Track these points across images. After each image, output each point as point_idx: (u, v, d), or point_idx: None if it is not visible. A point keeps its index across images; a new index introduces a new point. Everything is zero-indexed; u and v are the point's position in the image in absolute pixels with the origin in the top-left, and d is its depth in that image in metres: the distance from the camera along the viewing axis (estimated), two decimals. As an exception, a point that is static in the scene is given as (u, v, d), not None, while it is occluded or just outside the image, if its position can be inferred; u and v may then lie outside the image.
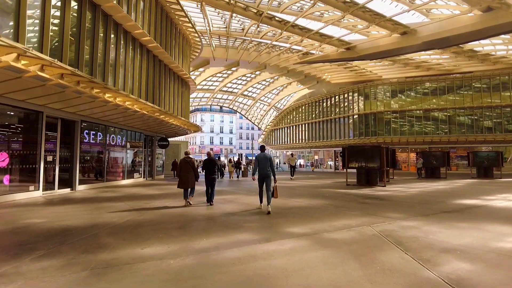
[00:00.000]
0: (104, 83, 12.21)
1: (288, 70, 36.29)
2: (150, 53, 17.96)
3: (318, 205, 9.28)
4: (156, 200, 10.41)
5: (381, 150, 15.97)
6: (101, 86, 11.56)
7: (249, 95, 49.78)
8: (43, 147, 11.85)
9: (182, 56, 23.04)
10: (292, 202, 9.92)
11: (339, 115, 42.42)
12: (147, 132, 21.43)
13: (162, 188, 15.30)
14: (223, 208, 8.79)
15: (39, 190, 11.71)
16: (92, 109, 13.64)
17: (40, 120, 11.88)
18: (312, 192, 13.21)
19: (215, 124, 79.58)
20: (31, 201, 10.23)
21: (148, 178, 21.91)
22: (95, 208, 8.63)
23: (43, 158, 11.88)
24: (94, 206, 9.14)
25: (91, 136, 15.59)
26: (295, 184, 17.44)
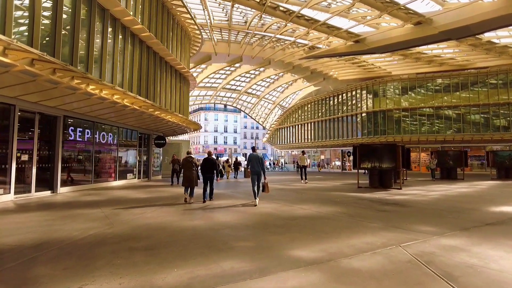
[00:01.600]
0: (86, 73, 10.79)
1: (294, 66, 34.75)
2: (143, 43, 16.57)
3: (328, 213, 7.76)
4: (140, 206, 8.97)
5: (397, 149, 14.39)
6: (81, 75, 10.15)
7: (253, 93, 48.32)
8: (15, 145, 10.48)
9: (180, 49, 21.64)
10: (297, 209, 8.41)
11: (346, 113, 40.80)
12: (142, 130, 20.06)
13: (155, 190, 13.88)
14: (214, 217, 7.32)
15: (9, 193, 10.34)
16: (75, 103, 12.25)
17: (12, 114, 10.51)
18: (320, 196, 11.68)
19: (219, 124, 78.24)
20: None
21: (144, 178, 20.54)
22: (62, 217, 7.21)
23: (15, 157, 10.51)
24: (63, 213, 7.73)
25: (78, 134, 14.24)
26: (301, 187, 15.92)
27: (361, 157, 14.92)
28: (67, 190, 12.94)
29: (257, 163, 9.75)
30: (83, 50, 12.14)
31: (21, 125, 11.15)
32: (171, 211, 8.03)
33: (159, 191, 13.35)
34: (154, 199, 10.57)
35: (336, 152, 44.37)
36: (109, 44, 13.70)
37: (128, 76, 15.19)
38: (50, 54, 10.28)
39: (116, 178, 17.16)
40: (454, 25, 19.13)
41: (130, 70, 15.49)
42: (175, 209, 8.39)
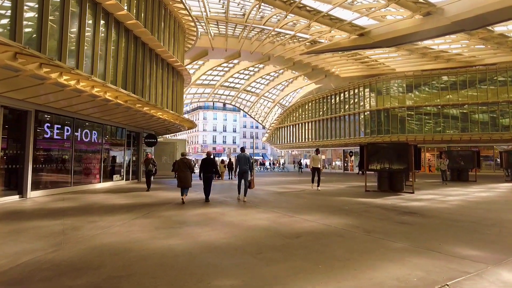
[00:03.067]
0: (52, 59, 9.33)
1: (294, 62, 33.31)
2: (130, 33, 15.10)
3: (339, 227, 6.31)
4: (112, 216, 7.52)
5: (409, 149, 12.95)
6: (47, 62, 8.71)
7: (252, 91, 46.91)
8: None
9: (173, 42, 20.18)
10: (300, 221, 6.96)
11: (348, 112, 39.36)
12: (131, 127, 18.60)
13: (139, 195, 12.42)
14: (196, 233, 5.85)
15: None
16: (48, 96, 10.80)
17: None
18: (325, 202, 10.22)
19: (218, 123, 76.78)
20: None
21: (133, 180, 19.09)
22: (6, 233, 5.76)
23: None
24: (12, 227, 6.28)
25: (55, 131, 12.78)
26: (301, 190, 14.48)
27: (369, 157, 13.47)
28: (39, 194, 11.48)
29: (245, 162, 11.00)
30: (55, 34, 10.69)
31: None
32: (145, 224, 6.57)
33: (144, 196, 11.89)
34: (134, 206, 9.12)
35: (337, 152, 42.96)
36: (89, 31, 12.24)
37: (111, 68, 13.73)
38: (8, 37, 8.88)
39: (101, 180, 15.71)
40: (468, 14, 17.68)
41: (114, 62, 14.03)
42: (151, 221, 6.94)
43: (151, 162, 14.10)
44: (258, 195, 12.29)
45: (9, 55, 7.85)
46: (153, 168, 14.16)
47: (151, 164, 14.09)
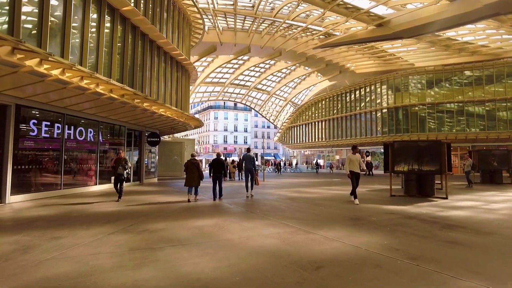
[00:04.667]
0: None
1: (307, 57, 31.61)
2: (127, 21, 13.78)
3: (372, 251, 4.71)
4: (87, 229, 6.12)
5: (442, 148, 11.19)
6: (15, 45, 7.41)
7: (263, 88, 45.36)
8: None
9: (178, 34, 18.83)
10: (319, 240, 5.39)
11: (364, 110, 37.42)
12: (132, 125, 17.32)
13: (134, 200, 11.03)
14: (178, 261, 4.30)
15: None
16: (27, 87, 9.53)
17: None
18: (348, 211, 8.60)
19: (229, 122, 75.48)
20: None
21: (135, 182, 17.79)
22: None
23: None
24: (-50, 246, 4.93)
25: (43, 128, 11.55)
26: (317, 194, 12.90)
27: (395, 157, 11.74)
28: (21, 199, 10.21)
29: (249, 162, 12.01)
30: (32, 17, 9.39)
31: None
32: (120, 243, 5.13)
33: (136, 201, 10.49)
34: (119, 215, 7.71)
35: (352, 152, 40.99)
36: (76, 16, 10.93)
37: (104, 58, 12.40)
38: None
39: (97, 182, 14.46)
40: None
41: (108, 52, 12.72)
42: (128, 238, 5.48)
43: (122, 163, 10.61)
44: (267, 200, 10.75)
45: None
46: (123, 171, 10.53)
47: (121, 165, 10.56)
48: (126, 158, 10.91)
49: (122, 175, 10.51)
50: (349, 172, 10.12)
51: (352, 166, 10.15)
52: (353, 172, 10.12)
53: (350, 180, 10.16)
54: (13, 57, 7.66)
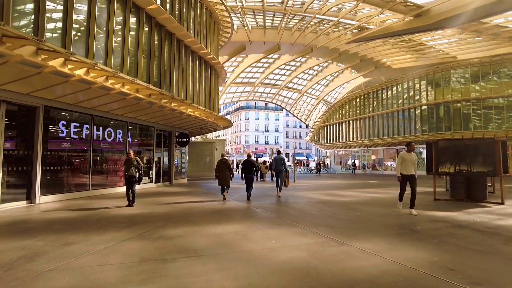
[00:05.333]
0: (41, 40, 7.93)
1: (340, 52, 30.37)
2: (153, 20, 13.62)
3: (419, 270, 3.89)
4: (102, 234, 5.79)
5: (496, 147, 9.90)
6: (35, 44, 7.31)
7: (294, 87, 44.43)
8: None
9: (205, 33, 18.58)
10: (355, 253, 4.65)
11: (402, 107, 35.40)
12: (161, 126, 17.23)
13: (160, 201, 10.75)
14: (189, 278, 3.72)
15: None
16: (55, 88, 9.49)
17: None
18: (386, 218, 7.71)
19: (260, 122, 75.08)
20: None
21: (164, 182, 17.70)
22: None
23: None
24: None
25: (72, 129, 11.62)
26: (352, 198, 12.00)
27: (439, 157, 10.58)
28: (50, 200, 10.26)
29: (280, 163, 12.62)
30: (56, 18, 9.35)
31: None
32: (131, 252, 4.71)
33: (162, 204, 10.18)
34: (139, 219, 7.37)
35: (389, 152, 38.97)
36: (101, 16, 10.85)
37: (130, 58, 12.29)
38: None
39: (126, 183, 14.41)
40: None
41: (133, 52, 12.60)
42: (142, 246, 5.04)
43: (134, 164, 9.57)
44: (297, 204, 10.03)
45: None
46: (136, 172, 9.50)
47: (134, 166, 9.52)
48: (138, 158, 9.85)
49: (133, 176, 9.48)
50: (399, 174, 8.17)
51: (405, 167, 8.13)
52: (405, 176, 8.12)
53: (400, 184, 8.26)
54: (37, 58, 7.58)
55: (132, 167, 9.49)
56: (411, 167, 8.12)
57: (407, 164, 8.12)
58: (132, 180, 9.46)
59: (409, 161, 8.14)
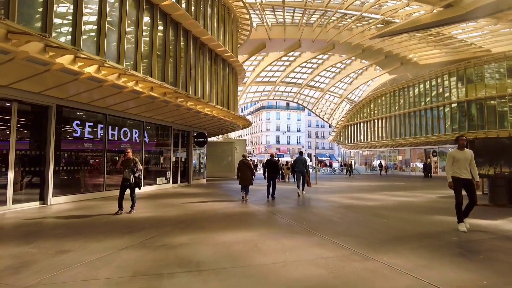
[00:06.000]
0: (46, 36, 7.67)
1: (363, 48, 29.21)
2: (168, 17, 13.29)
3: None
4: (101, 241, 5.37)
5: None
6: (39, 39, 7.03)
7: (316, 85, 43.39)
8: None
9: (223, 31, 18.15)
10: (383, 270, 3.94)
11: (430, 105, 33.63)
12: (178, 126, 16.91)
13: (172, 204, 10.33)
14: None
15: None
16: (66, 87, 9.25)
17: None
18: (418, 226, 6.88)
19: (281, 122, 74.24)
20: None
21: (182, 183, 17.37)
22: None
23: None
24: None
25: (86, 129, 11.43)
26: (378, 202, 11.14)
27: (476, 158, 9.54)
28: (63, 201, 10.05)
29: (301, 164, 12.78)
30: (64, 10, 9.11)
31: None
32: (126, 263, 4.23)
33: (174, 206, 9.74)
34: (145, 224, 6.93)
35: (417, 152, 37.22)
36: (112, 12, 10.58)
37: (144, 56, 11.98)
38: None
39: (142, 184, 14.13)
40: None
41: (147, 50, 12.29)
42: (139, 256, 4.55)
43: (131, 165, 8.27)
44: (317, 208, 9.31)
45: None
46: (130, 175, 8.17)
47: (129, 168, 8.21)
48: (135, 159, 8.54)
49: (128, 180, 8.16)
50: (451, 179, 6.31)
51: (458, 169, 6.27)
52: (459, 180, 6.24)
53: (454, 191, 6.28)
54: (45, 55, 7.32)
55: (128, 168, 8.22)
56: (467, 168, 6.26)
57: (460, 164, 6.26)
58: (125, 184, 8.20)
59: (463, 160, 6.26)
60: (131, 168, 8.21)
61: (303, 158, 13.14)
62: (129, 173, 8.17)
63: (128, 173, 8.17)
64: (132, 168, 8.21)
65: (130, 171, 8.17)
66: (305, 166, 12.80)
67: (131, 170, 8.18)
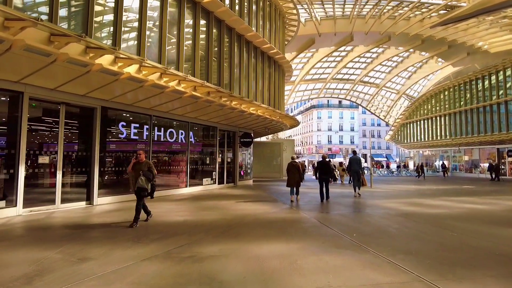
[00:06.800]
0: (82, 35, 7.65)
1: (423, 39, 26.67)
2: (210, 15, 13.00)
3: None
4: (127, 249, 5.03)
5: None
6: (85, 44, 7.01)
7: (370, 81, 40.94)
8: (23, 144, 7.99)
9: (269, 27, 17.59)
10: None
11: (503, 99, 29.74)
12: (224, 126, 16.64)
13: (215, 206, 9.94)
14: None
15: (15, 206, 7.86)
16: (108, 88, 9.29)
17: (20, 104, 8.06)
18: (497, 242, 5.60)
19: (334, 121, 71.65)
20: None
21: (228, 184, 17.08)
22: None
23: (23, 159, 8.02)
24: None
25: (132, 130, 11.56)
26: (443, 209, 9.70)
27: None
28: (109, 201, 10.17)
29: (356, 164, 12.79)
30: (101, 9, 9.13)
31: (39, 120, 8.91)
32: (143, 279, 3.77)
33: (213, 209, 9.32)
34: (177, 230, 6.54)
35: (486, 152, 33.20)
36: (152, 11, 10.49)
37: (186, 55, 11.79)
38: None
39: (187, 184, 14.06)
40: None
41: (189, 48, 12.10)
42: (158, 271, 4.07)
43: (144, 169, 7.07)
44: (371, 216, 8.22)
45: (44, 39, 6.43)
46: (146, 183, 6.89)
47: (143, 174, 6.95)
48: (149, 162, 7.30)
49: (144, 189, 6.88)
50: None
51: None
52: None
53: None
54: (85, 56, 7.31)
55: (141, 175, 6.92)
56: None
57: None
58: (142, 194, 6.88)
59: None
60: (147, 175, 6.93)
61: (358, 157, 13.10)
62: (145, 182, 6.88)
63: (145, 182, 6.87)
64: (148, 175, 6.93)
65: (146, 179, 6.90)
66: (360, 166, 12.95)
67: (147, 177, 6.91)
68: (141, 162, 7.16)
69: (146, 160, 7.32)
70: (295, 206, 9.88)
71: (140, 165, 7.13)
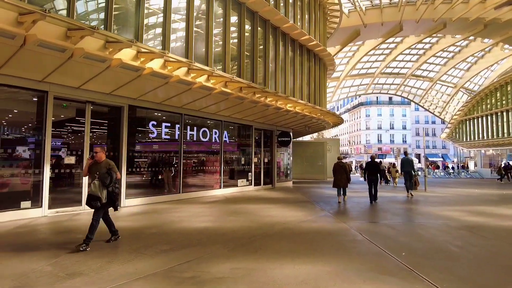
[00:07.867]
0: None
1: (485, 23, 23.69)
2: (241, 6, 12.27)
3: None
4: (132, 261, 4.42)
5: None
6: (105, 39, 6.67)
7: (423, 75, 37.76)
8: (47, 144, 7.84)
9: (308, 17, 16.52)
10: None
11: None
12: (260, 124, 15.83)
13: (245, 210, 9.17)
14: None
15: (41, 207, 7.73)
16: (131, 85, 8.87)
17: (45, 103, 7.91)
18: None
19: (383, 119, 67.69)
20: None
21: (265, 185, 16.25)
22: None
23: (48, 160, 7.86)
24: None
25: (163, 130, 11.22)
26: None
27: None
28: (136, 203, 9.81)
29: (408, 164, 13.04)
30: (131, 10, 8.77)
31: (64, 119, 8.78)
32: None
33: (242, 214, 8.54)
34: (194, 238, 5.83)
35: None
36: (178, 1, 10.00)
37: (215, 48, 11.17)
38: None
39: (221, 185, 13.47)
40: None
41: (219, 41, 11.48)
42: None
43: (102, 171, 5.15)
44: (426, 228, 6.77)
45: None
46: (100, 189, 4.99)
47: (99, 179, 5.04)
48: (110, 162, 5.42)
49: (97, 197, 4.99)
50: None
51: None
52: None
53: None
54: (105, 51, 6.95)
55: (95, 178, 5.08)
56: None
57: None
58: (93, 205, 5.04)
59: None
60: (102, 177, 5.03)
61: (410, 158, 13.42)
62: (99, 187, 4.98)
63: (98, 187, 4.98)
64: (104, 179, 5.02)
65: (100, 183, 5.01)
66: (412, 167, 13.03)
67: (101, 181, 5.01)
68: (99, 163, 5.35)
69: (106, 160, 5.48)
70: (335, 212, 8.77)
71: (98, 166, 5.30)
